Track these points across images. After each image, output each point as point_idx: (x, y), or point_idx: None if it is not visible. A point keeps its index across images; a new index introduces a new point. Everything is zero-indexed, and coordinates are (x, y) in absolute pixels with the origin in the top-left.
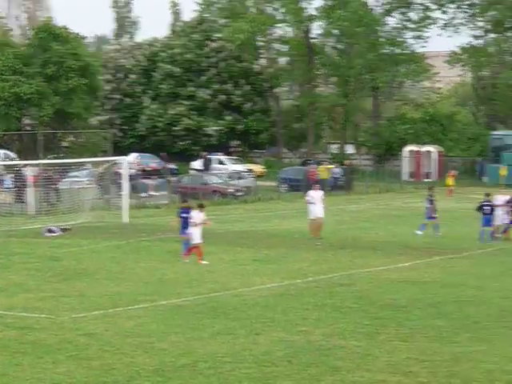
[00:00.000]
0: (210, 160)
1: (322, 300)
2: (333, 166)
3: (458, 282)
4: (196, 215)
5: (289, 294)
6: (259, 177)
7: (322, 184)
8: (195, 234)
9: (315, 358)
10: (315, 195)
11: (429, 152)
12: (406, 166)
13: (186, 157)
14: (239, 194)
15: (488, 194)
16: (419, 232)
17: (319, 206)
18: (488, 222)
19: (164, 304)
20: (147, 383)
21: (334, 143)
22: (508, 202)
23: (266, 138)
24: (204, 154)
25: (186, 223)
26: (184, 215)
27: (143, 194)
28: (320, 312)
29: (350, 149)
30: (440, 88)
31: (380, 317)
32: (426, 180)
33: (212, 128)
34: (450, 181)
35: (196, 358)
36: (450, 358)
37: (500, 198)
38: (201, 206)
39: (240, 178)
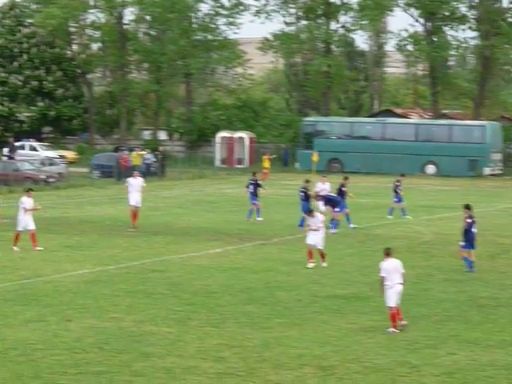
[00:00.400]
0: (15, 146)
1: (134, 286)
2: (145, 153)
3: (269, 268)
4: (26, 200)
5: (100, 281)
6: (71, 163)
7: (134, 170)
8: (24, 221)
9: (126, 344)
10: (134, 182)
11: (241, 138)
12: (218, 153)
13: None
14: (51, 180)
15: (307, 181)
16: (252, 218)
17: (138, 193)
18: (304, 207)
19: None
20: None
21: (146, 129)
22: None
23: (79, 125)
24: (10, 140)
25: None
26: None
27: None
28: (132, 298)
29: (162, 135)
30: (252, 74)
31: (192, 303)
32: (238, 166)
33: (24, 114)
34: (266, 163)
35: (7, 346)
36: (261, 343)
37: (320, 186)
38: (29, 191)
39: (52, 165)
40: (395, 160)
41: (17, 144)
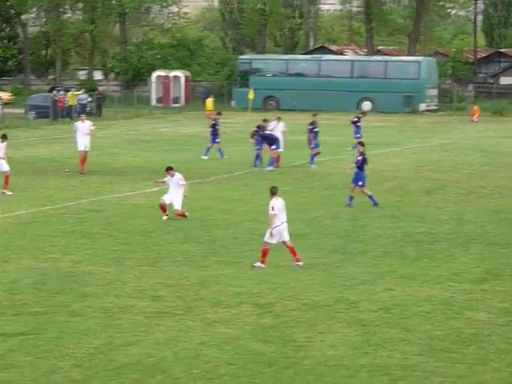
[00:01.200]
0: None
1: (71, 227)
2: (81, 93)
3: (206, 207)
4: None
5: (37, 222)
6: (7, 104)
7: (70, 111)
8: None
9: (64, 284)
10: (82, 126)
11: (177, 77)
12: (154, 92)
13: None
14: None
15: (265, 120)
16: (204, 157)
17: (87, 137)
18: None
19: None
20: None
21: (82, 69)
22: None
23: (14, 66)
24: None
25: None
26: None
27: None
28: (69, 239)
29: (98, 75)
30: (187, 13)
31: (128, 242)
32: (174, 105)
33: None
34: (210, 105)
35: None
36: (198, 281)
37: (273, 125)
38: (3, 137)
39: None
40: (331, 97)
41: None
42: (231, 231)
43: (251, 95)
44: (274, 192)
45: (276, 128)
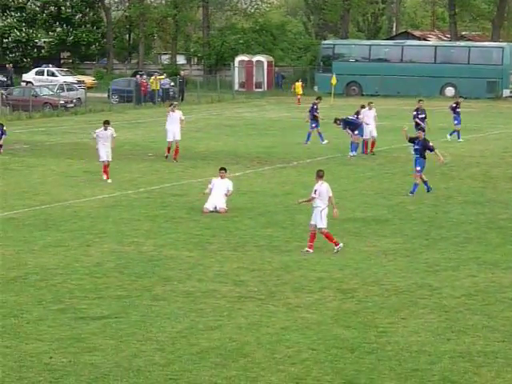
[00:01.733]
0: (11, 72)
1: (154, 211)
2: (163, 77)
3: (288, 191)
4: (104, 133)
5: (120, 206)
6: (90, 88)
7: (152, 95)
8: (104, 152)
9: (146, 268)
10: (173, 115)
11: (260, 62)
12: (237, 76)
13: (16, 69)
14: (70, 105)
15: (363, 106)
16: (307, 143)
17: (177, 126)
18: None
19: None
20: None
21: (164, 54)
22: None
23: (97, 50)
24: (8, 65)
25: None
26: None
27: None
28: (151, 223)
29: (181, 59)
30: None
31: (211, 227)
32: (256, 90)
33: (42, 40)
34: (299, 89)
35: (27, 271)
36: (281, 266)
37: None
38: (107, 123)
39: (71, 90)
40: (414, 82)
41: (35, 69)
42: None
43: (334, 80)
44: (320, 175)
45: (368, 114)
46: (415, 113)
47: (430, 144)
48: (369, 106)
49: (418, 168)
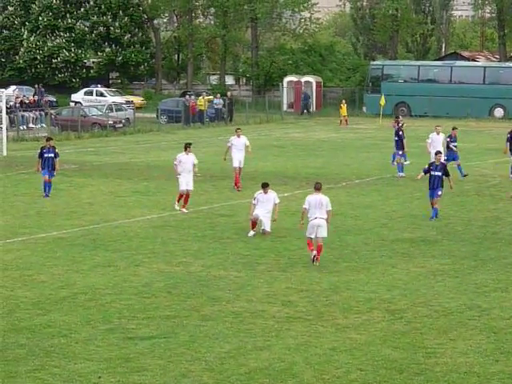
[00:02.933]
0: (42, 92)
1: (202, 231)
2: (211, 97)
3: (337, 212)
4: (187, 159)
5: (169, 226)
6: (138, 108)
7: (201, 115)
8: (186, 180)
9: (195, 288)
10: (237, 142)
11: (308, 82)
12: (285, 97)
13: (65, 89)
14: (119, 125)
15: (455, 128)
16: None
17: (242, 153)
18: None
19: (43, 236)
20: (27, 316)
21: (213, 74)
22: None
23: (146, 70)
24: (37, 85)
25: (49, 164)
26: (47, 155)
27: (22, 127)
28: (200, 243)
29: (229, 80)
30: (319, 18)
31: (260, 247)
32: (305, 111)
33: (91, 60)
34: (344, 110)
35: (76, 291)
36: (329, 287)
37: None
38: (188, 146)
39: (119, 110)
40: (463, 103)
41: (84, 90)
42: (362, 237)
43: (382, 101)
44: (317, 188)
45: (435, 139)
46: (448, 139)
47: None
48: (436, 130)
49: (440, 192)
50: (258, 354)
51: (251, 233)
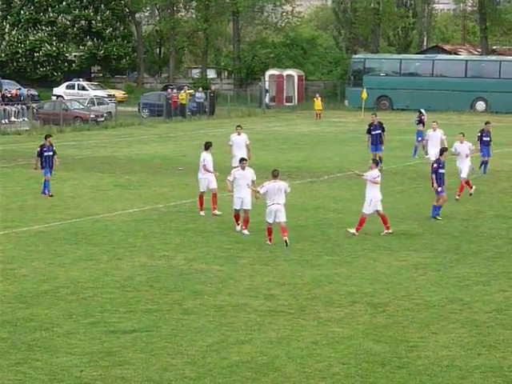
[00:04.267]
0: (1, 83)
1: (184, 225)
2: (192, 91)
3: (319, 206)
4: (207, 157)
5: (150, 219)
6: (120, 102)
7: (182, 109)
8: (206, 180)
9: (177, 282)
10: (238, 139)
11: (290, 76)
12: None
13: (47, 83)
14: (100, 119)
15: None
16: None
17: (243, 151)
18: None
19: (25, 230)
20: (9, 310)
21: (195, 68)
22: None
23: (127, 64)
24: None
25: (49, 162)
26: (47, 153)
27: (3, 121)
28: (182, 237)
29: (211, 73)
30: (301, 12)
31: (242, 241)
32: (287, 104)
33: (73, 54)
34: (318, 104)
35: (58, 284)
36: (311, 281)
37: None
38: (208, 145)
39: (101, 104)
40: (444, 97)
41: (66, 83)
42: (344, 230)
43: (364, 94)
44: (275, 175)
45: (432, 136)
46: (479, 134)
47: None
48: (432, 127)
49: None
50: (240, 348)
51: (238, 227)
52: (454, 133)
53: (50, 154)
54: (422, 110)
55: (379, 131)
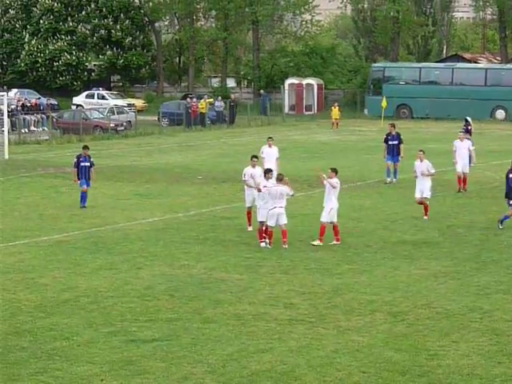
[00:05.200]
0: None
1: (204, 234)
2: (211, 100)
3: (339, 214)
4: (254, 172)
5: (170, 228)
6: (140, 111)
7: (202, 118)
8: (252, 195)
9: (197, 291)
10: (269, 152)
11: (310, 85)
12: (287, 99)
13: (66, 92)
14: (120, 128)
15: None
16: None
17: (273, 164)
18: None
19: (45, 239)
20: (29, 319)
21: (214, 77)
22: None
23: (147, 73)
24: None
25: (86, 173)
26: (83, 164)
27: (23, 130)
28: (202, 246)
29: (231, 82)
30: (320, 21)
31: (262, 250)
32: (306, 113)
33: (92, 63)
34: (335, 113)
35: (78, 293)
36: (331, 289)
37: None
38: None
39: (121, 113)
40: (464, 105)
41: (86, 93)
42: (364, 239)
43: (384, 103)
44: (279, 178)
45: (460, 146)
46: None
47: None
48: (459, 137)
49: None
50: (260, 357)
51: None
52: (474, 141)
53: (87, 164)
54: (468, 119)
55: (396, 142)
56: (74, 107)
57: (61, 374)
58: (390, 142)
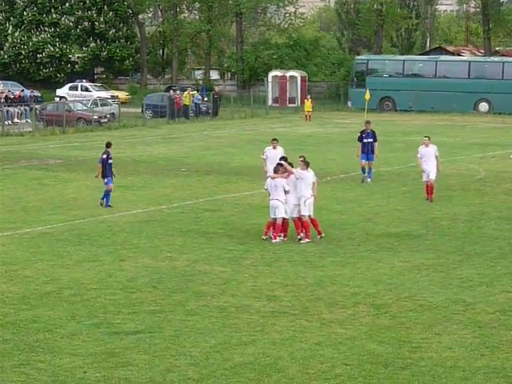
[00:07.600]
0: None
1: (187, 226)
2: (195, 92)
3: (322, 207)
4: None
5: (154, 221)
6: (124, 103)
7: (186, 110)
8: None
9: (180, 283)
10: (273, 153)
11: (293, 77)
12: (270, 92)
13: (50, 84)
14: (104, 120)
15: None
16: None
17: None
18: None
19: (29, 231)
20: (12, 311)
21: (198, 69)
22: None
23: (131, 65)
24: None
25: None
26: (110, 161)
27: (7, 122)
28: (185, 238)
29: (214, 75)
30: (304, 13)
31: (245, 242)
32: (290, 105)
33: (76, 55)
34: (307, 106)
35: (61, 285)
36: (314, 282)
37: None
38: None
39: (104, 105)
40: (447, 98)
41: (69, 85)
42: (347, 231)
43: (367, 96)
44: (275, 170)
45: (424, 152)
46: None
47: None
48: (424, 143)
49: None
50: (243, 349)
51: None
52: (457, 134)
53: (111, 162)
54: None
55: (371, 139)
56: (57, 99)
57: (44, 366)
58: (365, 140)
